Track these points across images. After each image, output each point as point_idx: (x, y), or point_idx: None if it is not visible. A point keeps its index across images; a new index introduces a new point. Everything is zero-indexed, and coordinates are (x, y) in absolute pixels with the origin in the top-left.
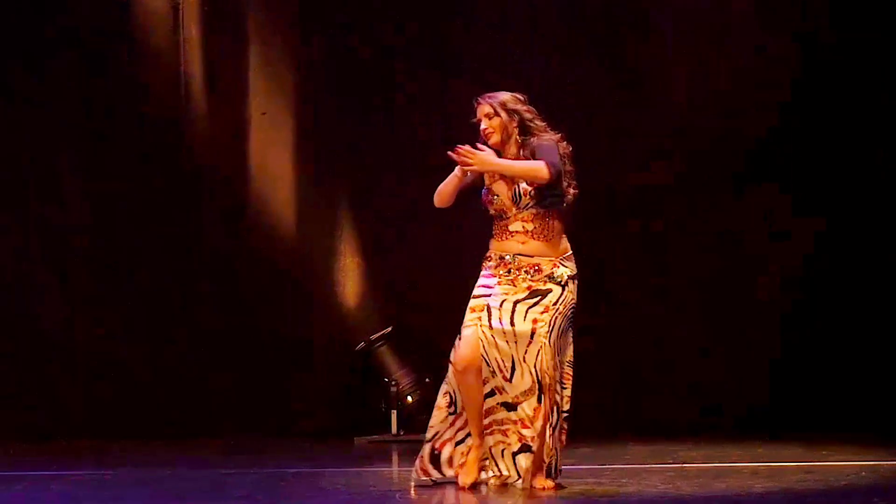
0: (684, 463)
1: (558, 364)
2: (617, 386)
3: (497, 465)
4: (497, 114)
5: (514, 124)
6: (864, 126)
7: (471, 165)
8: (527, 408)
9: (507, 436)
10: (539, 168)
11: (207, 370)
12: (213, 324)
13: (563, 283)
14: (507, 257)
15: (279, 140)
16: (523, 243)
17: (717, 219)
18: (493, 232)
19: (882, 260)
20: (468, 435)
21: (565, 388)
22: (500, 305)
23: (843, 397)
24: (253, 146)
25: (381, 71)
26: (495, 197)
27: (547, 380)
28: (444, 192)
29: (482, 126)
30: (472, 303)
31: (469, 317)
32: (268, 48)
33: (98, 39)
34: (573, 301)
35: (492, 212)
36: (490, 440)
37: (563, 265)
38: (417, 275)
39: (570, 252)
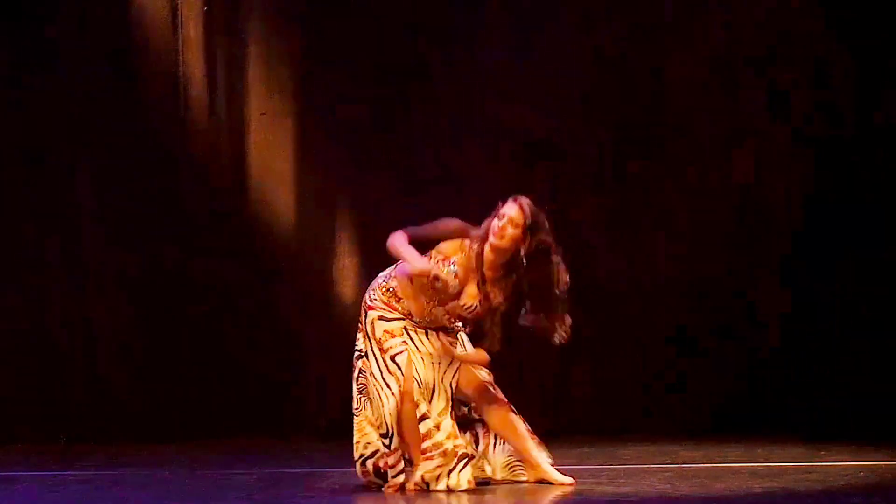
0: (683, 463)
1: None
2: (614, 385)
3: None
4: (525, 232)
5: (524, 252)
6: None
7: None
8: (447, 425)
9: (445, 456)
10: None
11: (205, 371)
12: (211, 324)
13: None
14: (415, 319)
15: (278, 141)
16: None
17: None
18: (411, 294)
19: (881, 260)
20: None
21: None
22: (416, 329)
23: (843, 397)
24: (252, 147)
25: (381, 72)
26: (466, 305)
27: (488, 387)
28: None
29: (506, 226)
30: (388, 325)
31: (392, 341)
32: (267, 48)
33: (96, 39)
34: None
35: (433, 286)
36: (427, 465)
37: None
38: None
39: None
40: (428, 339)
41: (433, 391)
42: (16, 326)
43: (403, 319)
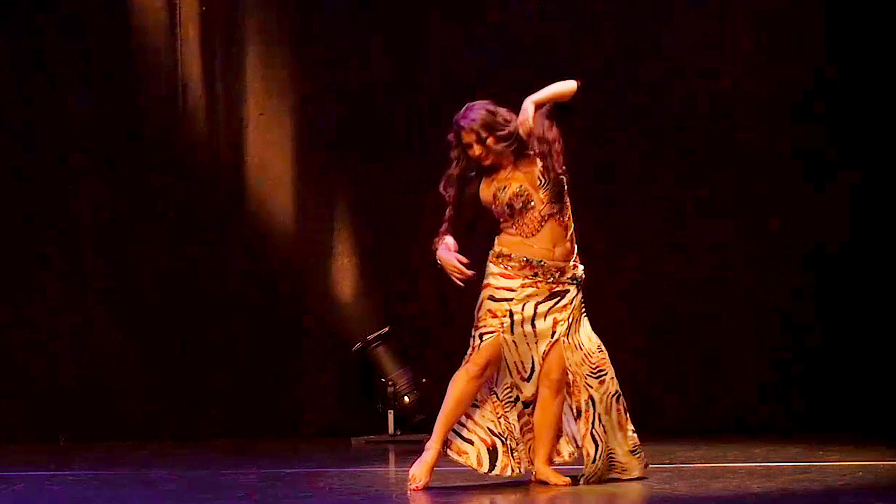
0: (682, 463)
1: (584, 358)
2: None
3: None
4: (483, 139)
5: (503, 142)
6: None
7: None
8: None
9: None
10: (568, 83)
11: (204, 370)
12: (209, 323)
13: (580, 283)
14: (535, 261)
15: (277, 140)
16: (554, 246)
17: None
18: (513, 232)
19: (876, 261)
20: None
21: (605, 374)
22: (523, 309)
23: (841, 397)
24: (251, 147)
25: (380, 72)
26: (520, 187)
27: (569, 376)
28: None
29: (473, 153)
30: (493, 305)
31: (490, 322)
32: (265, 48)
33: (95, 39)
34: (581, 298)
35: (518, 206)
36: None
37: (578, 264)
38: (414, 275)
39: (577, 246)
40: (534, 318)
41: (531, 370)
42: (13, 324)
43: (514, 294)
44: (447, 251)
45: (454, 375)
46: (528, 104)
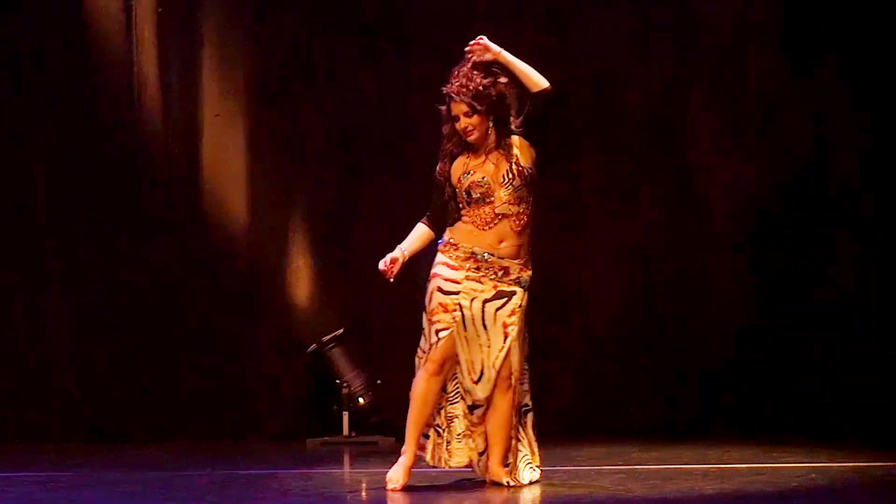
0: (636, 464)
1: (520, 363)
2: (569, 387)
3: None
4: (476, 111)
5: (492, 116)
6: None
7: (481, 51)
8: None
9: (473, 440)
10: (542, 77)
11: (158, 371)
12: (163, 325)
13: (525, 286)
14: (479, 254)
15: (232, 141)
16: (500, 242)
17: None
18: (466, 220)
19: (831, 263)
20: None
21: (524, 384)
22: (471, 304)
23: (795, 400)
24: (206, 147)
25: (334, 72)
26: (482, 178)
27: (513, 381)
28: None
29: (460, 125)
30: (443, 299)
31: (443, 317)
32: (221, 49)
33: (49, 39)
34: (528, 301)
35: (475, 195)
36: (467, 443)
37: (527, 268)
38: (369, 276)
39: (530, 250)
40: (484, 317)
41: (481, 374)
42: None
43: (461, 287)
44: (389, 256)
45: (415, 378)
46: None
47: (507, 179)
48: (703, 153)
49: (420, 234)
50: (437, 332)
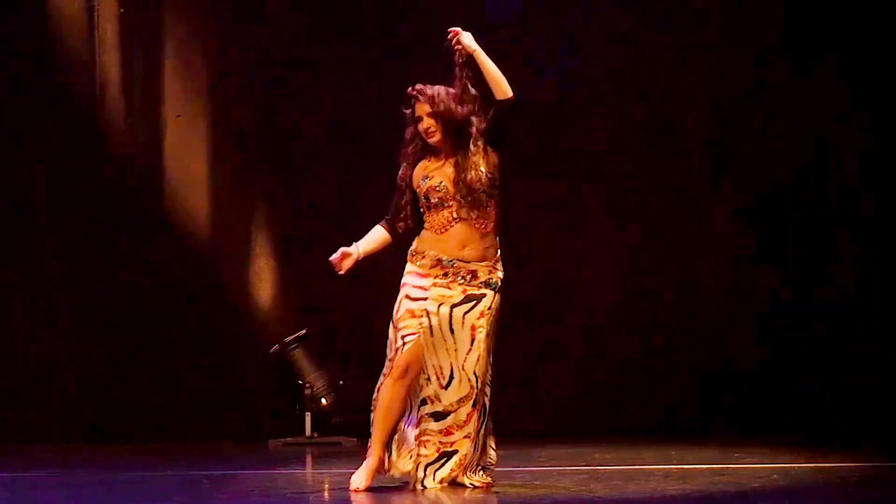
0: (598, 465)
1: (488, 366)
2: (531, 387)
3: (417, 481)
4: (437, 112)
5: (454, 123)
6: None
7: (460, 43)
8: (461, 413)
9: (426, 447)
10: (506, 85)
11: (121, 372)
12: (125, 327)
13: (496, 288)
14: (445, 260)
15: (194, 142)
16: (463, 247)
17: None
18: (427, 226)
19: (831, 263)
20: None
21: (489, 387)
22: (438, 310)
23: (757, 400)
24: (168, 148)
25: (295, 72)
26: (440, 183)
27: (478, 386)
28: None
29: (423, 125)
30: (410, 305)
31: (410, 322)
32: (183, 50)
33: (11, 40)
34: (500, 302)
35: (433, 200)
36: (420, 451)
37: (497, 270)
38: (332, 277)
39: (499, 252)
40: (451, 321)
41: (450, 378)
42: None
43: (428, 293)
44: (342, 249)
45: (379, 384)
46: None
47: (464, 183)
48: (702, 154)
49: (376, 235)
50: (404, 337)
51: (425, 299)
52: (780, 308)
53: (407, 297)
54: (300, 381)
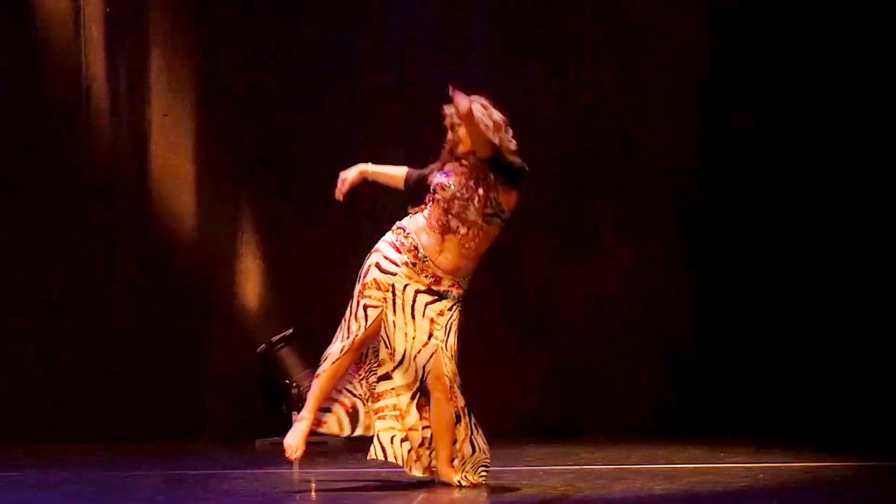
0: (584, 464)
1: (457, 370)
2: (517, 386)
3: (384, 452)
4: (470, 132)
5: (483, 145)
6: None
7: (459, 107)
8: (402, 401)
9: (398, 421)
10: (490, 144)
11: (107, 373)
12: (113, 326)
13: (454, 300)
14: (420, 253)
15: (181, 141)
16: (441, 252)
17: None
18: (425, 213)
19: (831, 262)
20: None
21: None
22: (404, 290)
23: (744, 400)
24: (154, 148)
25: (283, 73)
26: (450, 185)
27: (447, 382)
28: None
29: (455, 134)
30: (379, 276)
31: (374, 293)
32: (169, 49)
33: None
34: (460, 315)
35: (437, 196)
36: (382, 424)
37: (460, 286)
38: (318, 276)
39: (469, 277)
40: (414, 306)
41: (401, 361)
42: None
43: (398, 271)
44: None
45: (329, 348)
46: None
47: (460, 199)
48: (701, 155)
49: (394, 171)
50: (366, 307)
51: (394, 274)
52: (777, 308)
53: (377, 265)
54: (287, 381)
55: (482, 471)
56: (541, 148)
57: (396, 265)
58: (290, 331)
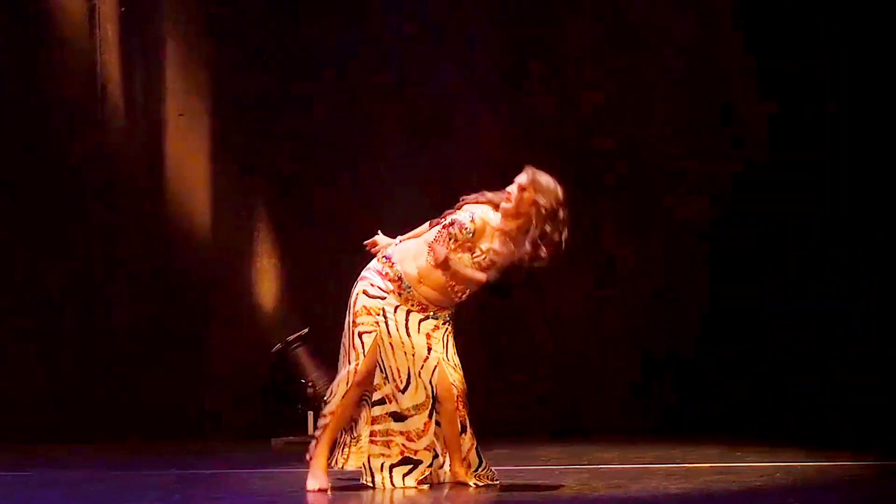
0: (600, 464)
1: (462, 378)
2: (531, 386)
3: (372, 477)
4: (533, 200)
5: (532, 216)
6: None
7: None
8: (417, 421)
9: (389, 448)
10: (479, 280)
11: (124, 372)
12: (130, 325)
13: (446, 319)
14: (404, 284)
15: (196, 141)
16: (422, 281)
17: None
18: (412, 240)
19: (831, 263)
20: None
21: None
22: (395, 311)
23: (759, 399)
24: (170, 147)
25: (297, 71)
26: (472, 227)
27: (455, 392)
28: None
29: (510, 189)
30: (368, 302)
31: (366, 319)
32: (184, 49)
33: (12, 39)
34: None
35: (453, 231)
36: (373, 449)
37: (442, 310)
38: (334, 276)
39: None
40: (408, 325)
41: (408, 382)
42: None
43: (387, 296)
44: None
45: (338, 386)
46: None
47: (467, 249)
48: (702, 155)
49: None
50: (361, 335)
51: (383, 298)
52: (777, 308)
53: (364, 292)
54: (302, 380)
55: (492, 475)
56: (541, 148)
57: (383, 290)
58: (306, 330)
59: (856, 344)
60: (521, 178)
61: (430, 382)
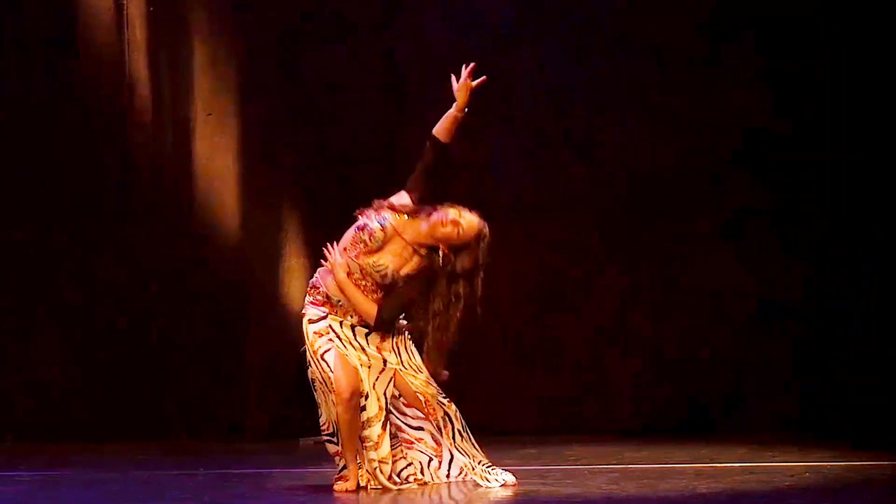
0: (629, 464)
1: (428, 380)
2: (560, 386)
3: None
4: (464, 239)
5: (449, 260)
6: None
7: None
8: (373, 433)
9: (374, 451)
10: (371, 314)
11: (153, 372)
12: (158, 325)
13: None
14: (333, 299)
15: (224, 140)
16: (340, 290)
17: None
18: (353, 248)
19: (831, 263)
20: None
21: (447, 397)
22: (341, 326)
23: (788, 398)
24: (198, 147)
25: (325, 71)
26: (382, 228)
27: (421, 398)
28: (442, 127)
29: (458, 221)
30: (315, 327)
31: (320, 341)
32: (213, 48)
33: (43, 39)
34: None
35: (372, 245)
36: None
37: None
38: None
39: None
40: (357, 339)
41: (366, 396)
42: None
43: (326, 318)
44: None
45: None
46: (342, 276)
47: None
48: (702, 155)
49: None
50: (322, 356)
51: (325, 317)
52: (780, 308)
53: (310, 321)
54: None
55: (489, 469)
56: (541, 148)
57: (322, 314)
58: None
59: (856, 344)
60: (473, 218)
61: (385, 395)
